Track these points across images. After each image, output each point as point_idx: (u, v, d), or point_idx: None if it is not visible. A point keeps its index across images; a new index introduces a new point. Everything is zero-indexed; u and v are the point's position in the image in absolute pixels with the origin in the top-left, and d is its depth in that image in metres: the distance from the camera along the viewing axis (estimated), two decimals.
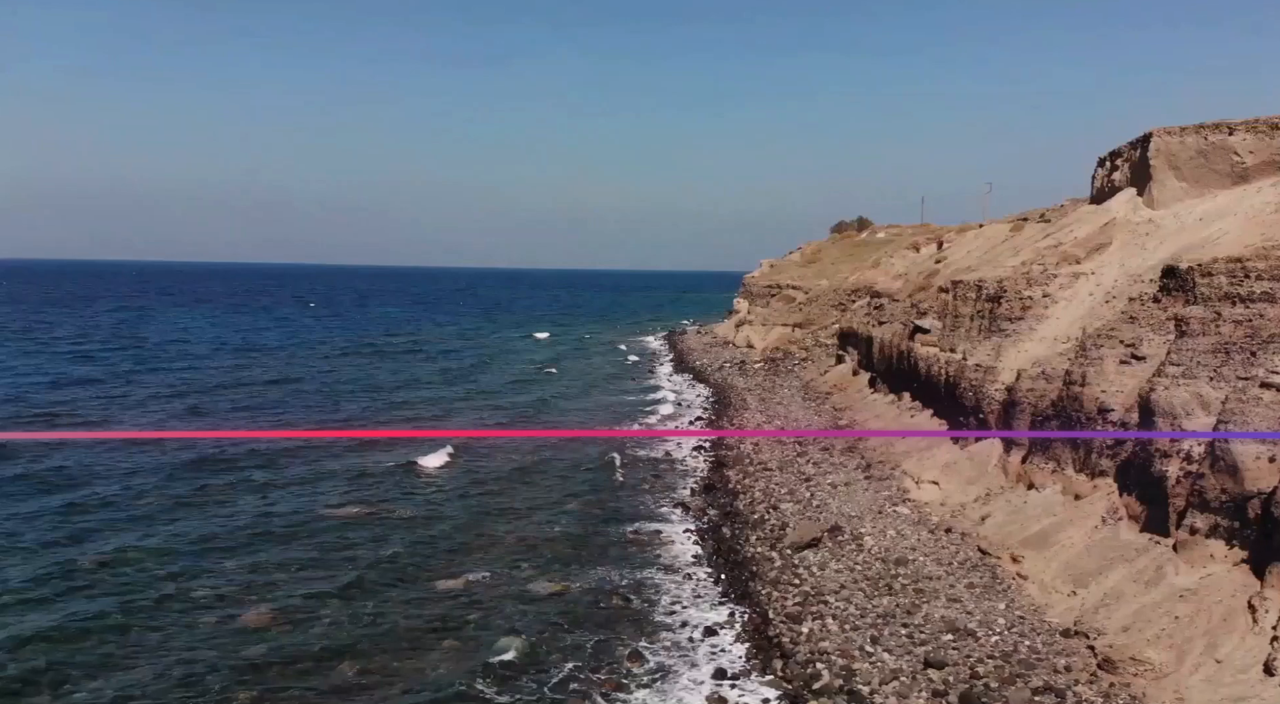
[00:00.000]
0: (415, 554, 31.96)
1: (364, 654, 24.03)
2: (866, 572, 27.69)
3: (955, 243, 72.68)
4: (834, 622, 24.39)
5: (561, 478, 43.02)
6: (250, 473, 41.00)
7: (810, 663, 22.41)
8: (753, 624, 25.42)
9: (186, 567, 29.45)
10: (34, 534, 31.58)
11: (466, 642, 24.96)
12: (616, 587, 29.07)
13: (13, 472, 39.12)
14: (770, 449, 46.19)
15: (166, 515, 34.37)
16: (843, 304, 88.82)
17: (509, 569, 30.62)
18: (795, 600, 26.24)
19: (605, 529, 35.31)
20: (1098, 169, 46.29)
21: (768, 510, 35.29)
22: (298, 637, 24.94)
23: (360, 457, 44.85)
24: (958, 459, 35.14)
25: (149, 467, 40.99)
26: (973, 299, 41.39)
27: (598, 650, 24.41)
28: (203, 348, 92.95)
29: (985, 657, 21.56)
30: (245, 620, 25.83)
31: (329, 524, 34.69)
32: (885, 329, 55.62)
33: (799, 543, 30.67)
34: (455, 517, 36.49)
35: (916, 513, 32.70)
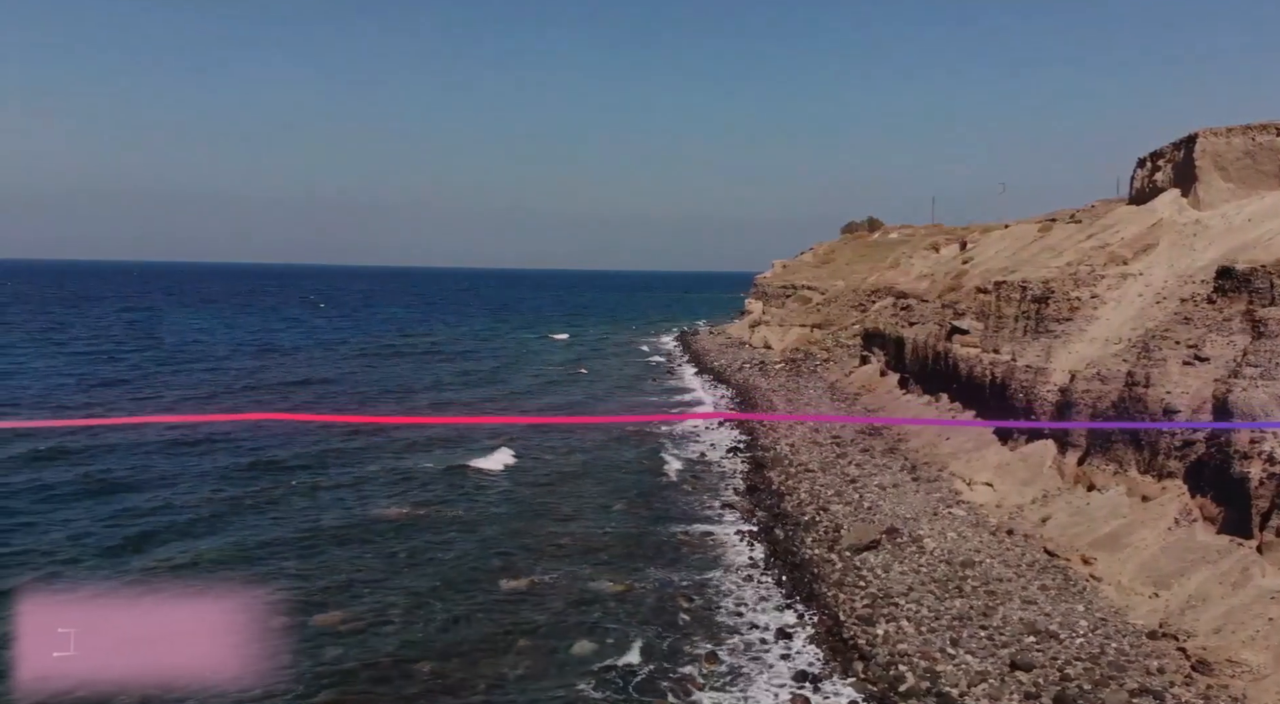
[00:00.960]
0: (472, 554, 31.92)
1: (441, 655, 23.98)
2: (932, 574, 27.60)
3: (980, 243, 72.68)
4: (909, 624, 24.30)
5: (603, 480, 42.92)
6: (299, 475, 40.88)
7: (891, 665, 22.35)
8: (824, 626, 25.32)
9: (251, 570, 29.32)
10: (96, 538, 31.42)
11: (541, 642, 24.89)
12: (679, 587, 29.00)
13: (66, 476, 38.93)
14: (809, 451, 46.12)
15: (223, 519, 34.15)
16: (862, 305, 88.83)
17: (568, 569, 30.56)
18: (864, 603, 26.15)
19: (655, 529, 35.25)
20: (1137, 169, 46.33)
21: (818, 512, 35.20)
22: (371, 638, 24.90)
23: (403, 459, 44.77)
24: (1010, 460, 35.08)
25: (199, 470, 40.80)
26: (1016, 300, 41.35)
27: (672, 651, 24.36)
28: (221, 349, 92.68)
29: (1072, 659, 21.49)
30: (316, 622, 25.77)
31: (382, 525, 34.63)
32: (918, 330, 55.57)
33: (857, 545, 30.58)
34: (504, 517, 36.44)
35: (973, 515, 32.62)
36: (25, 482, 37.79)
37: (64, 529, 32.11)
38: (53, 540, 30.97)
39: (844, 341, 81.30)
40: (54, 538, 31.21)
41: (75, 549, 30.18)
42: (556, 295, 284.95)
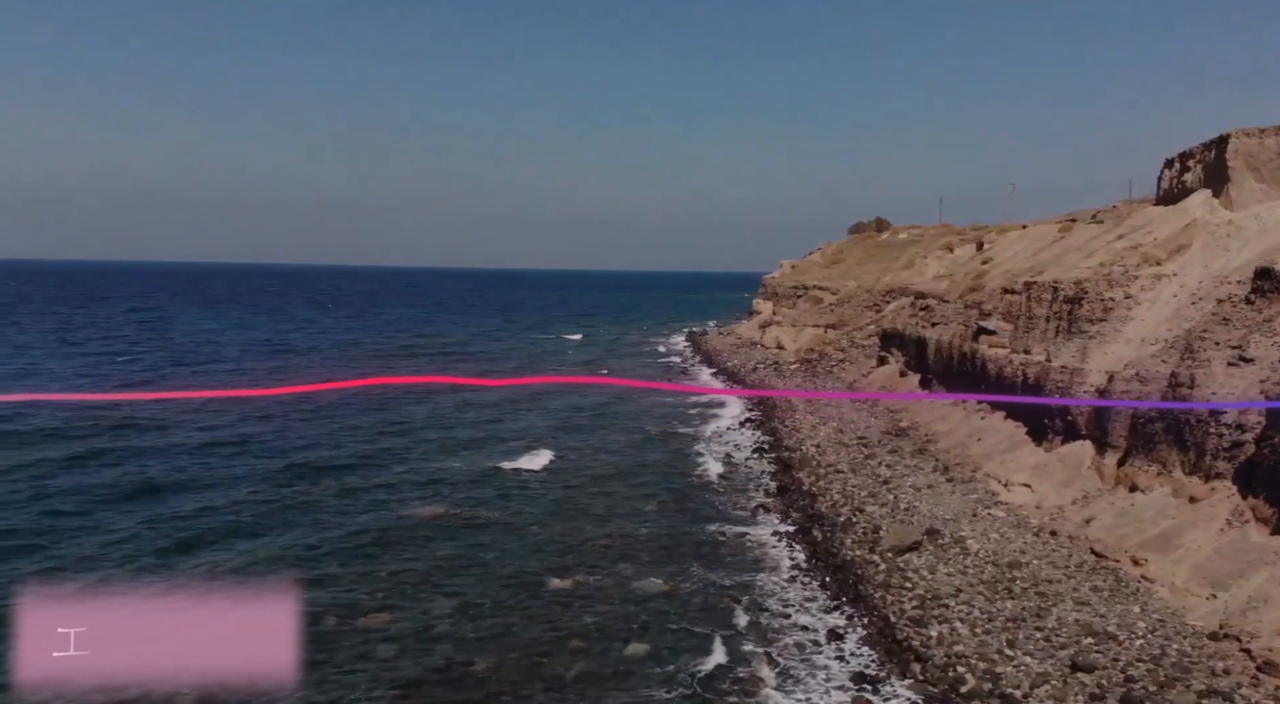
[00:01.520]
0: (512, 554, 31.97)
1: (495, 655, 24.01)
2: (980, 575, 27.58)
3: (997, 243, 72.68)
4: (962, 625, 24.29)
5: (634, 481, 42.91)
6: (334, 477, 40.98)
7: (949, 667, 22.34)
8: (875, 628, 25.31)
9: (296, 571, 29.30)
10: (144, 541, 31.39)
11: (594, 643, 24.91)
12: (723, 588, 29.01)
13: (106, 478, 38.98)
14: (836, 451, 46.12)
15: (264, 522, 34.19)
16: (877, 305, 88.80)
17: (610, 569, 30.60)
18: (913, 604, 26.13)
19: (691, 530, 35.26)
20: (1164, 170, 46.34)
21: (853, 513, 35.17)
22: (423, 638, 24.96)
23: (434, 461, 44.86)
24: (1047, 461, 35.06)
25: (235, 473, 40.83)
26: (1048, 301, 41.33)
27: (726, 652, 24.37)
28: (236, 350, 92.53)
29: (1134, 660, 21.48)
30: (366, 623, 25.85)
31: (419, 526, 34.69)
32: (941, 330, 55.57)
33: (899, 546, 30.56)
34: (539, 518, 36.46)
35: (1013, 516, 32.60)
36: (69, 484, 37.80)
37: (111, 532, 32.13)
38: (101, 543, 31.01)
39: (859, 342, 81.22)
40: (102, 541, 31.25)
41: (124, 552, 30.23)
42: (559, 296, 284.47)
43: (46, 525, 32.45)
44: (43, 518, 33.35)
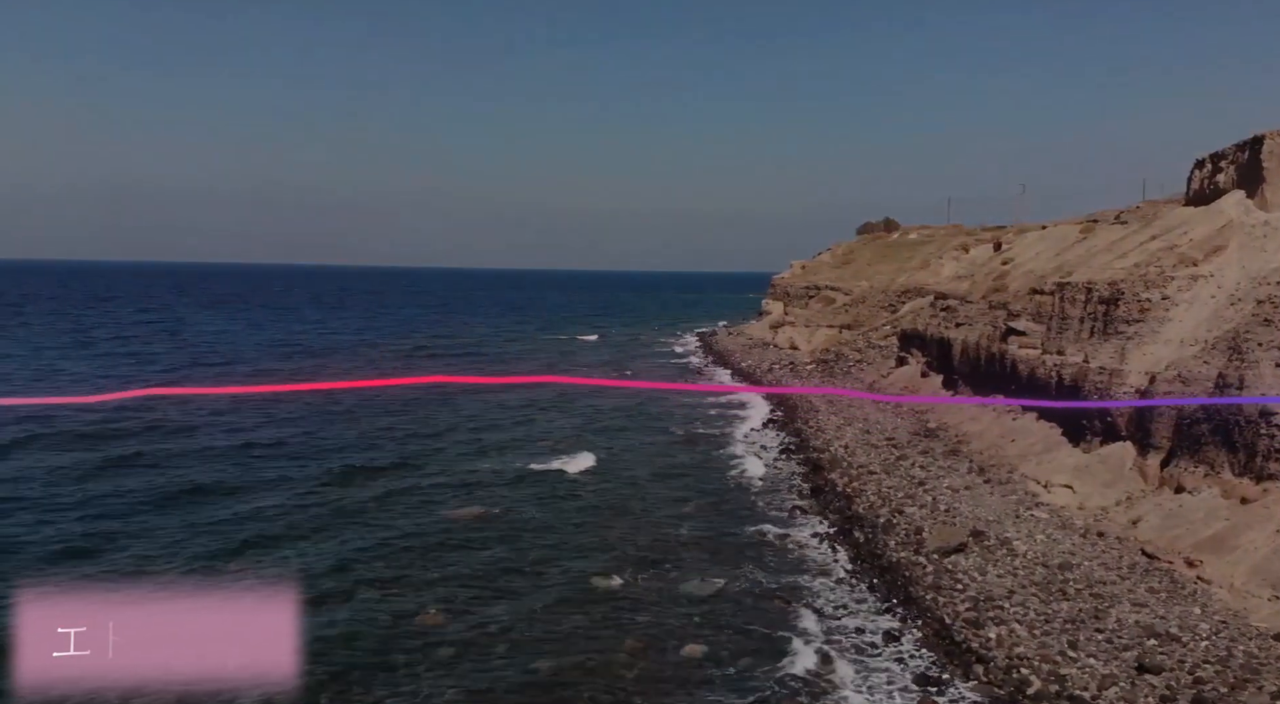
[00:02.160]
0: (555, 555, 31.97)
1: (554, 655, 24.02)
2: (1031, 577, 27.52)
3: (1015, 244, 72.65)
4: (1020, 627, 24.24)
5: (667, 482, 42.93)
6: (376, 479, 41.00)
7: (1012, 668, 22.30)
8: (931, 629, 25.29)
9: (345, 572, 29.32)
10: (193, 545, 31.27)
11: (650, 643, 24.90)
12: (771, 590, 28.99)
13: (146, 481, 38.92)
14: (866, 452, 46.05)
15: (310, 525, 34.01)
16: (893, 305, 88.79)
17: (654, 570, 30.62)
18: (966, 606, 26.07)
19: (731, 531, 35.25)
20: (1194, 171, 46.34)
21: (893, 514, 35.11)
22: (479, 637, 25.01)
23: (469, 463, 44.86)
24: (1088, 463, 35.04)
25: (278, 477, 40.64)
26: (1081, 301, 41.32)
27: (784, 653, 24.35)
28: (252, 351, 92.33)
29: (1200, 661, 21.44)
30: (420, 623, 25.86)
31: (459, 527, 34.74)
32: (967, 331, 55.53)
33: (945, 548, 30.50)
34: (577, 519, 36.47)
35: (1056, 517, 32.55)
36: (110, 488, 37.67)
37: (155, 537, 32.03)
38: (147, 548, 30.92)
39: (876, 342, 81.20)
40: (149, 545, 31.16)
41: (170, 555, 30.16)
42: (562, 297, 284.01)
43: (93, 529, 32.35)
44: (87, 522, 33.25)
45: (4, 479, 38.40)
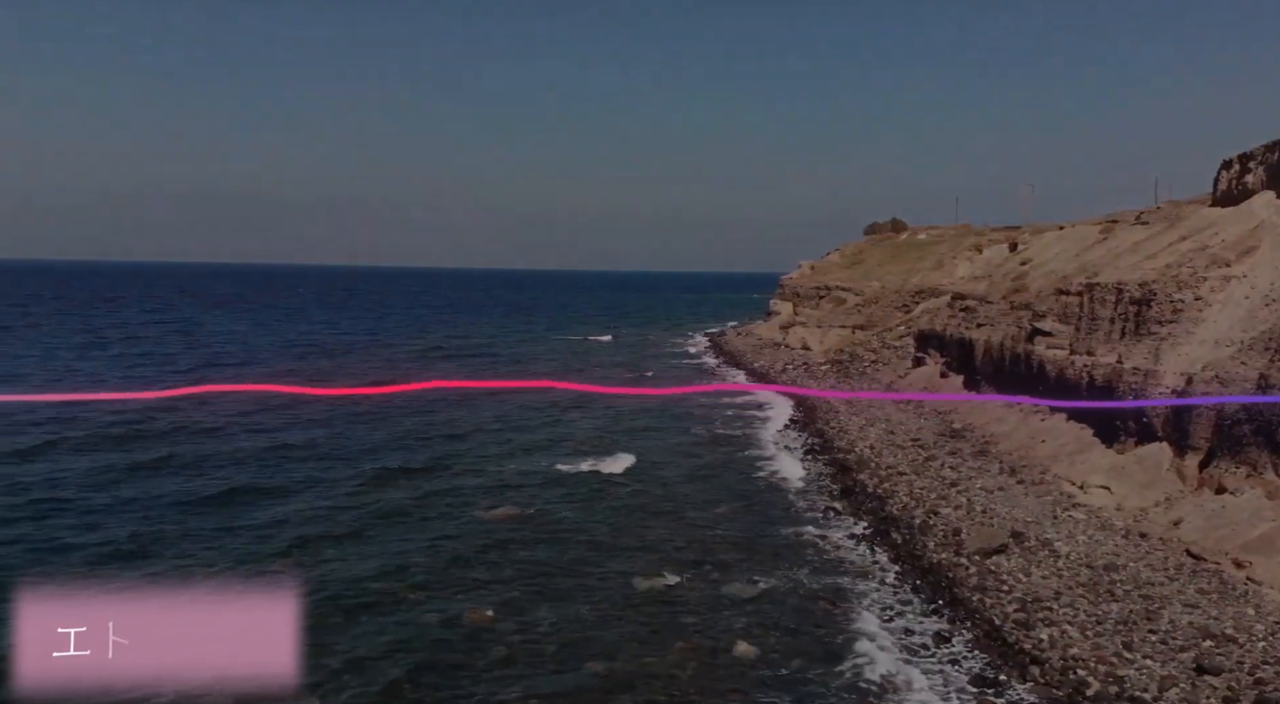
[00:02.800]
0: (593, 556, 31.99)
1: (605, 655, 24.05)
2: (1076, 578, 27.51)
3: (1032, 244, 72.73)
4: (1072, 628, 24.23)
5: (695, 483, 42.92)
6: (412, 480, 40.84)
7: (1069, 670, 22.30)
8: (981, 631, 25.27)
9: (390, 575, 29.30)
10: (239, 548, 31.20)
11: (699, 644, 24.92)
12: (815, 591, 29.00)
13: (182, 484, 38.74)
14: (892, 453, 46.04)
15: (352, 527, 33.84)
16: (906, 306, 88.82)
17: (695, 571, 30.59)
18: (1013, 607, 26.05)
19: (766, 532, 35.24)
20: (1222, 171, 46.39)
21: (928, 515, 35.10)
22: (530, 636, 25.06)
23: (499, 464, 44.66)
24: (1124, 463, 35.05)
25: (312, 478, 40.52)
26: (1112, 302, 41.34)
27: (838, 654, 24.37)
28: (267, 352, 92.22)
29: (1260, 662, 21.44)
30: (469, 620, 25.95)
31: (496, 527, 34.72)
32: (989, 331, 55.54)
33: (985, 549, 30.50)
34: (611, 520, 36.45)
35: (1095, 518, 32.54)
36: (148, 491, 37.43)
37: (198, 540, 31.86)
38: (184, 550, 30.82)
39: (890, 342, 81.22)
40: (191, 548, 31.04)
41: (213, 558, 30.03)
42: (566, 298, 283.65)
43: (134, 531, 32.20)
44: (125, 524, 33.07)
45: (32, 480, 38.32)
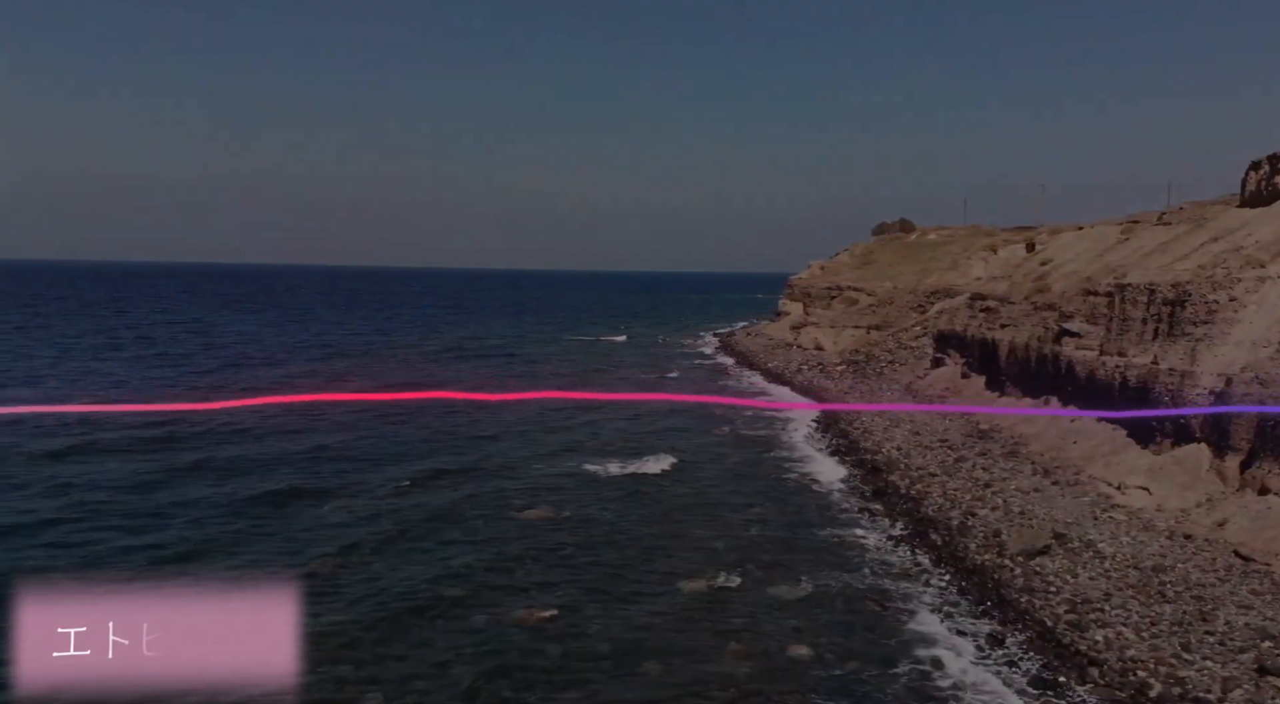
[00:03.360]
0: (634, 556, 32.01)
1: (659, 656, 24.07)
2: (1124, 579, 27.51)
3: (1050, 245, 72.68)
4: (1126, 629, 24.24)
5: (726, 484, 42.93)
6: (448, 486, 40.73)
7: (1128, 671, 22.30)
8: (1034, 632, 25.25)
9: (439, 572, 29.35)
10: (289, 550, 31.26)
11: (752, 644, 24.91)
12: (860, 591, 28.98)
13: (231, 489, 38.69)
14: (920, 454, 46.04)
15: (396, 528, 33.89)
16: (922, 306, 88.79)
17: (738, 572, 30.53)
18: (1064, 608, 26.03)
19: (804, 533, 35.22)
20: (1250, 172, 46.40)
21: (965, 517, 35.07)
22: (582, 636, 25.14)
23: (532, 466, 44.70)
24: (1163, 464, 35.03)
25: (355, 482, 40.42)
26: (1144, 303, 41.35)
27: (892, 656, 24.33)
28: (281, 352, 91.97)
29: None
30: (519, 619, 25.99)
31: (534, 528, 34.77)
32: (1012, 332, 55.55)
33: (1029, 551, 30.49)
34: (647, 520, 36.46)
35: (1136, 519, 32.53)
36: (197, 494, 37.42)
37: (256, 542, 31.94)
38: (244, 552, 30.83)
39: (906, 343, 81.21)
40: (246, 549, 31.10)
41: (269, 560, 30.03)
42: (569, 298, 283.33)
43: (187, 536, 32.12)
44: (175, 529, 32.99)
45: (69, 482, 38.26)
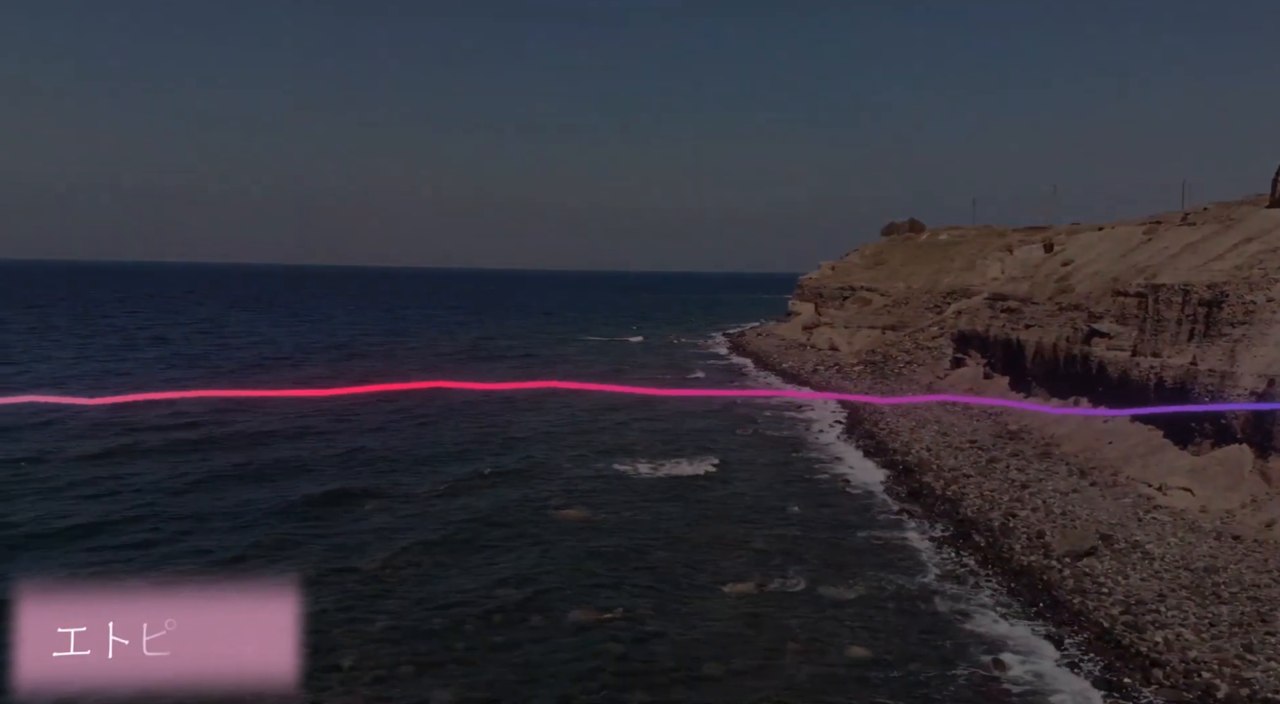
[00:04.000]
0: (676, 557, 31.98)
1: (718, 656, 24.09)
2: (1177, 580, 27.51)
3: (1070, 245, 72.66)
4: (1185, 630, 24.26)
5: (759, 484, 42.93)
6: (493, 486, 40.79)
7: (1192, 673, 22.29)
8: (1091, 634, 25.23)
9: (488, 574, 29.38)
10: (342, 554, 31.25)
11: (810, 645, 24.86)
12: (910, 592, 28.98)
13: (261, 490, 38.67)
14: (951, 455, 46.06)
15: (444, 530, 33.93)
16: (938, 306, 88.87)
17: (783, 574, 30.47)
18: (1119, 610, 25.99)
19: (845, 534, 35.21)
20: None
21: (1005, 518, 35.07)
22: (640, 637, 25.10)
23: (569, 468, 44.68)
24: (1204, 465, 35.07)
25: (395, 484, 40.32)
26: (1178, 303, 41.40)
27: (951, 657, 24.31)
28: (299, 352, 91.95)
29: None
30: (576, 618, 26.05)
31: (571, 528, 34.83)
32: (1037, 332, 55.60)
33: (1076, 552, 30.49)
34: (685, 521, 36.45)
35: (1180, 520, 32.54)
36: (219, 501, 37.17)
37: (309, 544, 31.96)
38: (293, 556, 30.80)
39: (924, 343, 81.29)
40: (295, 553, 31.09)
41: (327, 561, 30.06)
42: (574, 297, 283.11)
43: (230, 543, 31.83)
44: (218, 535, 32.67)
45: (101, 487, 38.17)
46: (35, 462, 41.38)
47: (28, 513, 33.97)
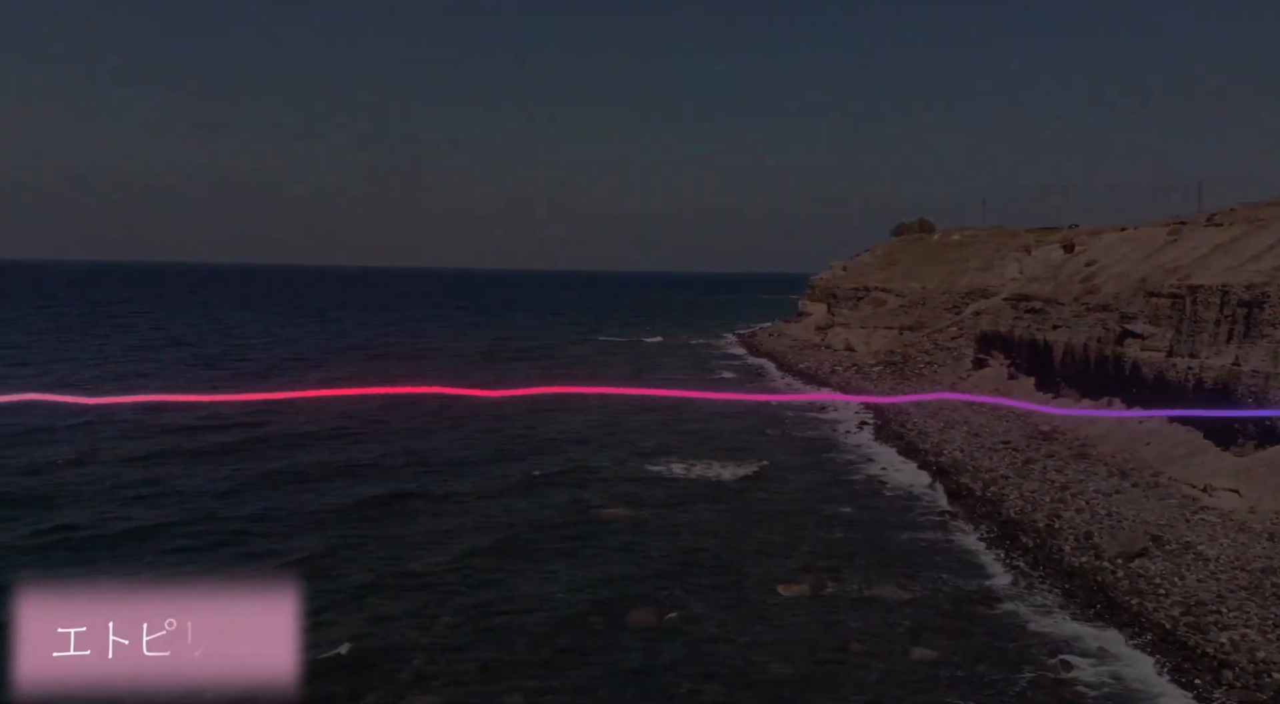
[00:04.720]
0: (725, 558, 32.01)
1: (781, 657, 24.06)
2: (1234, 581, 27.46)
3: (1092, 245, 72.66)
4: (1251, 631, 24.24)
5: (794, 485, 42.87)
6: (538, 488, 40.70)
7: (1262, 673, 22.27)
8: (1155, 635, 25.20)
9: (543, 576, 29.37)
10: (389, 550, 31.32)
11: (874, 647, 24.81)
12: (966, 594, 28.93)
13: (319, 495, 38.60)
14: (986, 456, 45.97)
15: (496, 535, 33.74)
16: (957, 307, 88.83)
17: (833, 575, 30.41)
18: (1179, 611, 25.95)
19: (890, 535, 35.16)
20: None
21: (1050, 519, 34.99)
22: (699, 638, 25.11)
23: (612, 469, 44.65)
24: (1250, 466, 35.08)
25: (454, 491, 40.06)
26: (1216, 304, 41.43)
27: (1018, 657, 24.27)
28: (317, 353, 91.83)
29: None
30: (633, 620, 26.05)
31: (614, 528, 34.94)
32: (1066, 333, 55.60)
33: (1127, 553, 30.47)
34: (727, 521, 36.49)
35: (1230, 521, 32.51)
36: (268, 503, 37.11)
37: (364, 546, 31.97)
38: (363, 559, 30.80)
39: (944, 344, 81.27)
40: (350, 552, 31.13)
41: (379, 565, 30.03)
42: (579, 298, 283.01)
43: (286, 547, 32.01)
44: (269, 539, 32.78)
45: (144, 490, 38.19)
46: (76, 464, 41.43)
47: (78, 516, 34.04)
